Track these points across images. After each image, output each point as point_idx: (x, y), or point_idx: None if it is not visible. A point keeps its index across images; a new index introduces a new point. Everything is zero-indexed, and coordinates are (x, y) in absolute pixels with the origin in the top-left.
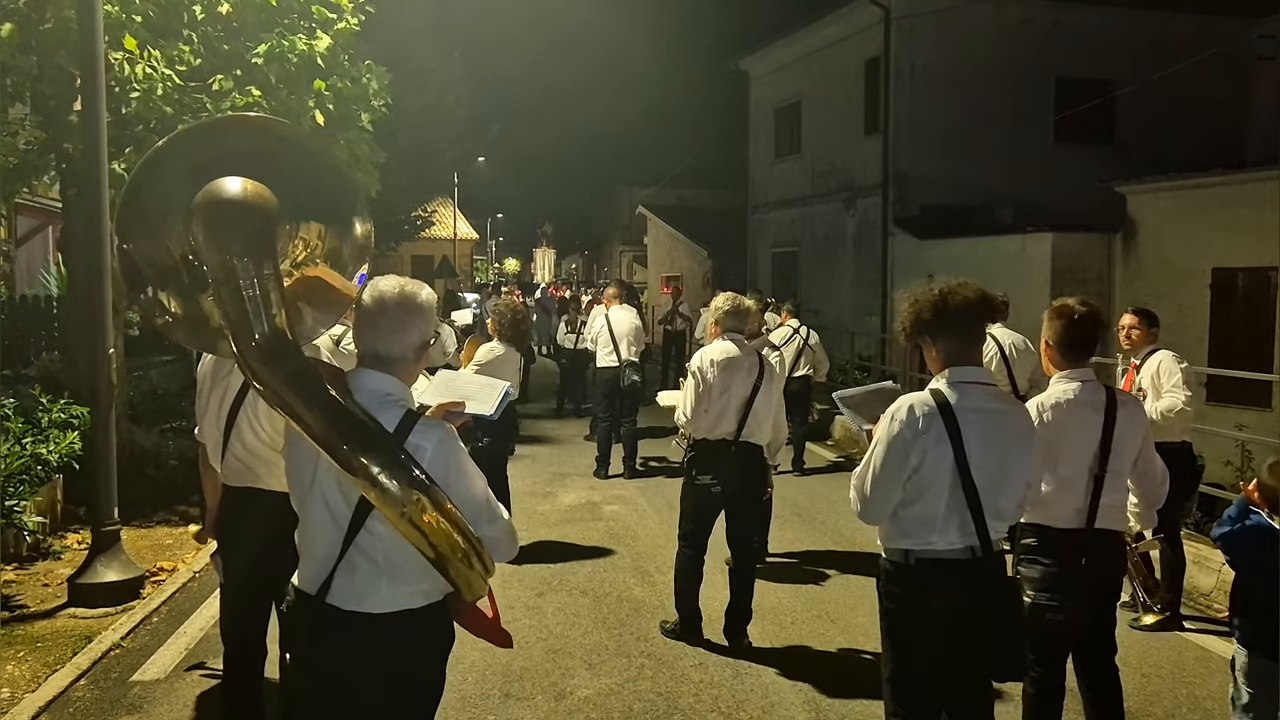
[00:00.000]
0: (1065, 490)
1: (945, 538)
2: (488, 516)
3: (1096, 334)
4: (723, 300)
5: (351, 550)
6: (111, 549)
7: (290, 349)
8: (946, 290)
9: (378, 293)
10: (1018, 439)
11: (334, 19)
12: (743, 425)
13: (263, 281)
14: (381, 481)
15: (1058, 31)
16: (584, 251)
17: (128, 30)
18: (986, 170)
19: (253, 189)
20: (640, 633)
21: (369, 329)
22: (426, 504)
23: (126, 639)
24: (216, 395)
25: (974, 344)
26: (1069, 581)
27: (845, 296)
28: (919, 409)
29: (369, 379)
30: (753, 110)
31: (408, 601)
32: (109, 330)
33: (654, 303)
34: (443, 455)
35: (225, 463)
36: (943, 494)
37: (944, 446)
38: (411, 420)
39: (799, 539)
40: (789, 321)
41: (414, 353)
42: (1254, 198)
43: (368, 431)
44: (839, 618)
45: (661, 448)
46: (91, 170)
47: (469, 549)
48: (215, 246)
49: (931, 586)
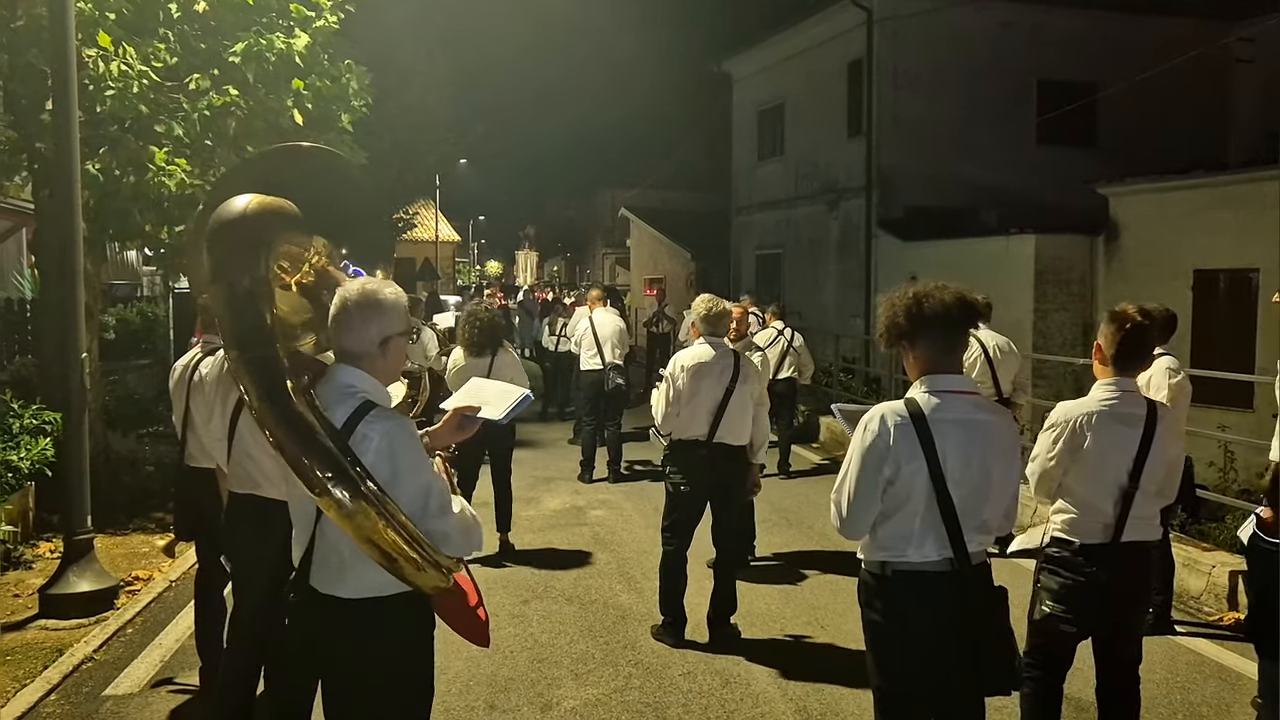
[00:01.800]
0: (1092, 505)
1: (921, 551)
2: (436, 510)
3: (1150, 345)
4: (701, 304)
5: (318, 538)
6: (84, 558)
7: (259, 339)
8: (922, 294)
9: (340, 295)
10: (1001, 450)
11: (313, 16)
12: (715, 427)
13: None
14: (331, 490)
15: (1039, 34)
16: (566, 254)
17: (101, 27)
18: (969, 172)
19: (256, 204)
20: (627, 641)
21: (335, 328)
22: (377, 514)
23: (99, 652)
24: (220, 400)
25: (952, 350)
26: (1087, 598)
27: (829, 298)
28: (890, 419)
29: (340, 373)
30: (736, 112)
31: (376, 589)
32: (82, 334)
33: (637, 305)
34: (388, 446)
35: (230, 467)
36: (918, 508)
37: (918, 460)
38: (363, 411)
39: (786, 542)
40: (774, 323)
41: (376, 347)
42: (1236, 199)
43: (312, 434)
44: (828, 623)
45: (646, 451)
46: (64, 170)
47: (418, 554)
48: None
49: (909, 599)
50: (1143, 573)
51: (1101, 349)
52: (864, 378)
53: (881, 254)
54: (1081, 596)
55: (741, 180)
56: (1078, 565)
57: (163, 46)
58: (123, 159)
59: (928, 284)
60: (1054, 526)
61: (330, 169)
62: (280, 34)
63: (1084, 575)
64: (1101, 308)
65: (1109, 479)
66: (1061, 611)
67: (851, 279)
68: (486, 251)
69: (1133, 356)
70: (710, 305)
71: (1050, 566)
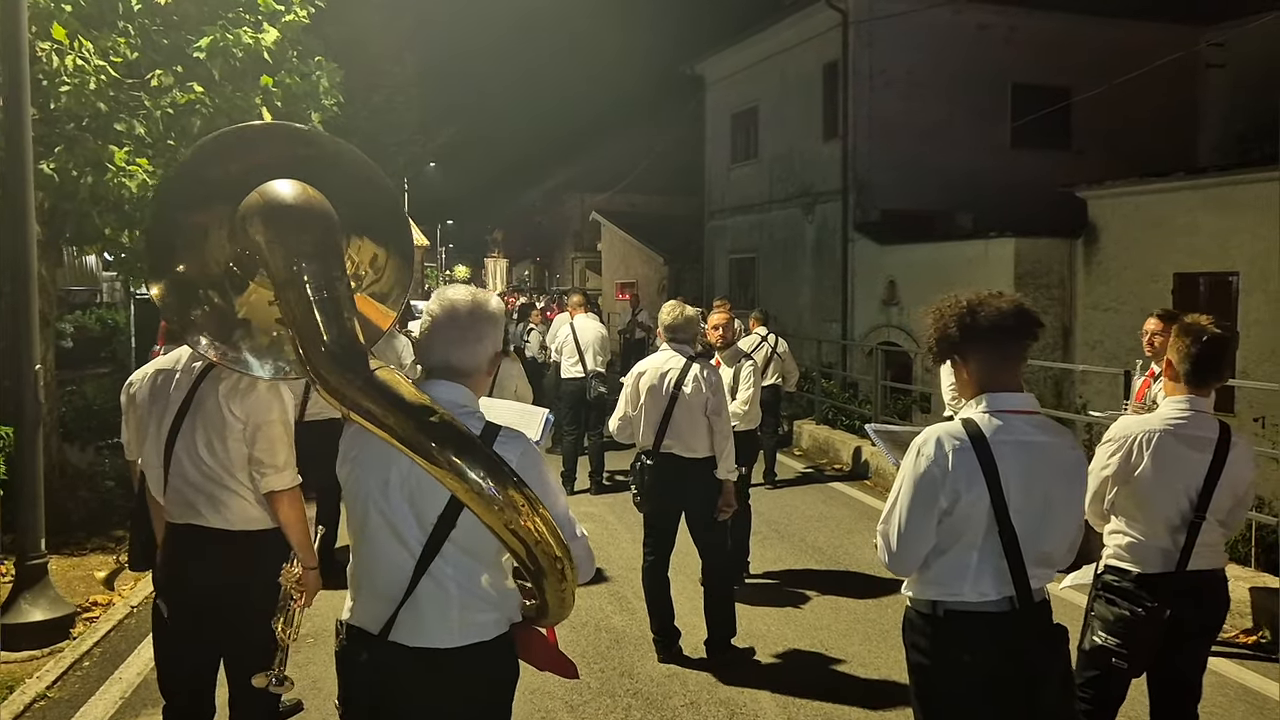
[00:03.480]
0: (1154, 531)
1: (977, 588)
2: (569, 533)
3: (1225, 359)
4: (665, 310)
5: (424, 580)
6: (38, 584)
7: (362, 355)
8: (976, 302)
9: (448, 302)
10: (1064, 474)
11: (281, 10)
12: (660, 437)
13: (333, 285)
14: (484, 485)
15: (1014, 37)
16: (536, 258)
17: (57, 19)
18: (946, 175)
19: (314, 193)
20: (624, 667)
21: (440, 339)
22: (527, 507)
23: (53, 688)
24: (154, 421)
25: (1012, 365)
26: (1144, 633)
27: (805, 303)
28: (948, 443)
29: (442, 389)
30: (709, 115)
31: (479, 633)
32: (35, 343)
33: (609, 309)
34: (525, 468)
35: (166, 495)
36: (976, 540)
37: (978, 487)
38: (493, 432)
39: (780, 558)
40: (757, 329)
41: (488, 363)
42: (1214, 202)
43: (463, 434)
44: (832, 645)
45: (627, 460)
46: (16, 171)
47: (565, 558)
48: (280, 248)
49: (962, 642)
50: (1212, 605)
51: (1172, 364)
52: (842, 383)
53: (858, 257)
54: (1139, 630)
55: (715, 184)
56: (1135, 596)
57: (123, 41)
58: (80, 159)
59: (981, 292)
60: (1108, 550)
61: (344, 157)
62: (247, 29)
63: (1143, 608)
64: (1081, 310)
65: (1168, 506)
66: (1115, 645)
67: (827, 283)
68: (454, 256)
69: (1208, 372)
70: (672, 312)
71: (1106, 595)
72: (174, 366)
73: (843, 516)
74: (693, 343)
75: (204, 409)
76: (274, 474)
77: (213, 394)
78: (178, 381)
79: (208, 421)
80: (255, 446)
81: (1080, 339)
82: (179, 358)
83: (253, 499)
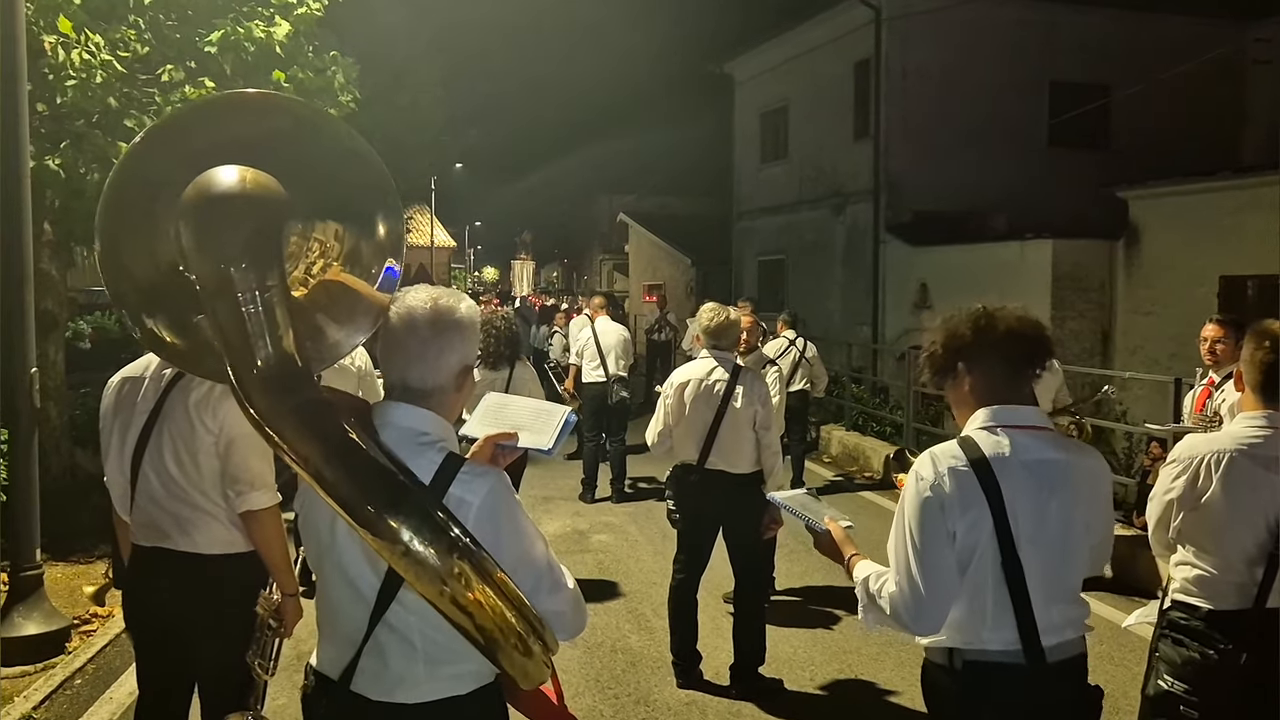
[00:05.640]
0: (1227, 564)
1: (999, 634)
2: (549, 585)
3: None
4: (705, 313)
5: (380, 628)
6: (32, 596)
7: (300, 378)
8: (993, 309)
9: (405, 309)
10: (1085, 496)
11: (294, 3)
12: (706, 453)
13: (266, 295)
14: (415, 550)
15: (1053, 34)
16: (564, 260)
17: (64, 12)
18: (980, 175)
19: (253, 180)
20: (640, 694)
21: (398, 354)
22: (472, 576)
23: (40, 708)
24: (118, 434)
25: (1023, 379)
26: (1217, 678)
27: (835, 306)
28: (943, 463)
29: (399, 414)
30: (738, 115)
31: (452, 687)
32: (31, 344)
33: (635, 311)
34: (491, 511)
35: (132, 515)
36: (986, 578)
37: (981, 516)
38: (453, 467)
39: (805, 572)
40: (785, 333)
41: (454, 380)
42: (1261, 202)
43: (396, 485)
44: (863, 669)
45: (650, 467)
46: (11, 167)
47: (526, 629)
48: (207, 252)
49: (983, 696)
50: None
51: (1244, 376)
52: (872, 387)
53: (890, 260)
54: (1210, 676)
55: (743, 184)
56: (1207, 636)
57: (133, 34)
58: (88, 155)
59: (993, 306)
60: (1175, 585)
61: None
62: (259, 22)
63: (1214, 650)
64: (1121, 315)
65: (1243, 535)
66: (1184, 692)
67: (858, 286)
68: (483, 257)
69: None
70: (714, 315)
71: (1173, 635)
72: (142, 374)
73: (873, 528)
74: (734, 349)
75: (173, 420)
76: (250, 492)
77: (182, 404)
78: (145, 391)
79: (177, 434)
80: (229, 462)
81: (1120, 344)
82: (148, 364)
83: (226, 519)
